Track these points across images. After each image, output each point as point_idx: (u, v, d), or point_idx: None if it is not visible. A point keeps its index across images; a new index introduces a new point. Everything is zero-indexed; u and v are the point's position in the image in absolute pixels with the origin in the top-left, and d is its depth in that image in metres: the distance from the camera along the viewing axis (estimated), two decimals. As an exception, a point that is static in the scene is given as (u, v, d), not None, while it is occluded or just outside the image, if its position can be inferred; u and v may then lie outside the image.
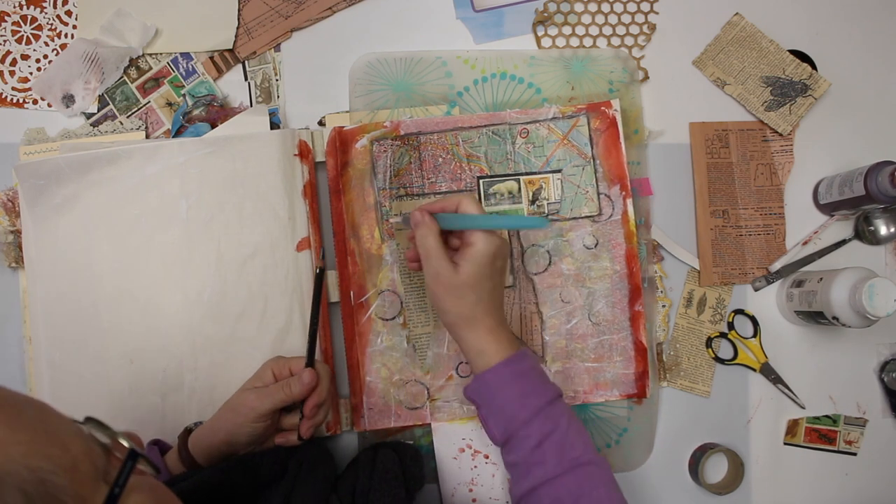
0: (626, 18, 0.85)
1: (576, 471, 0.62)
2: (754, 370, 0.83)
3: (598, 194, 0.80)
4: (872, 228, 0.84)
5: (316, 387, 0.68)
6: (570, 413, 0.66)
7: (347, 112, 0.81)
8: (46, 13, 0.82)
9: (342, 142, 0.79)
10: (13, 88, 0.81)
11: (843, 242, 0.84)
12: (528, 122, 0.80)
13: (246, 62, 0.83)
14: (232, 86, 0.82)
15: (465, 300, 0.64)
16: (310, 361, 0.68)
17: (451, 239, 0.68)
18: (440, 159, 0.79)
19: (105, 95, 0.81)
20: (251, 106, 0.82)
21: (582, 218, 0.79)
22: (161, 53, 0.82)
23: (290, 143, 0.77)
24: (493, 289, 0.65)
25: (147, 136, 0.80)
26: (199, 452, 0.67)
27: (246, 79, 0.83)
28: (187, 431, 0.69)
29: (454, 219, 0.65)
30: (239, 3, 0.82)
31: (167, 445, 0.72)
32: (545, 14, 0.84)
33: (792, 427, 0.83)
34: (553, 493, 0.62)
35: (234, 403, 0.67)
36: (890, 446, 0.84)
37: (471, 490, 0.77)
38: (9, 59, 0.81)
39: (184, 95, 0.81)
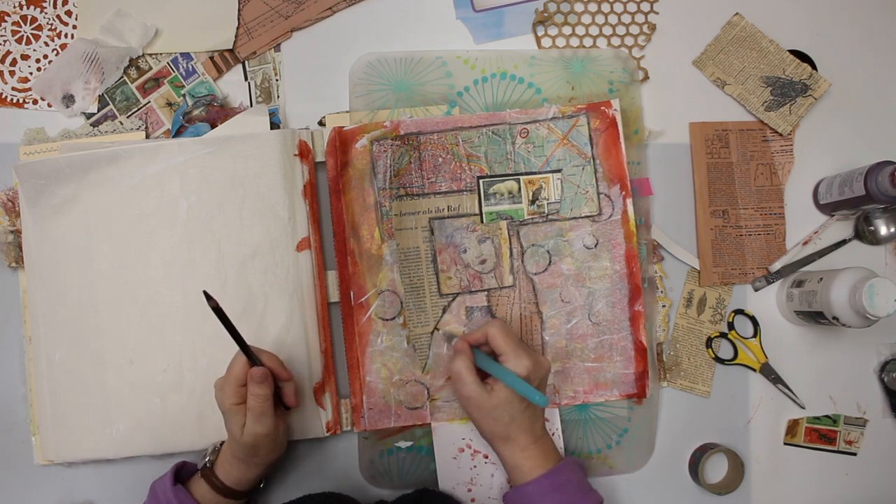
0: (626, 18, 0.85)
1: None
2: (754, 370, 0.83)
3: (598, 194, 0.80)
4: (872, 228, 0.84)
5: (275, 374, 0.69)
6: None
7: (347, 112, 0.81)
8: (46, 13, 0.82)
9: (342, 142, 0.79)
10: (13, 88, 0.81)
11: (843, 242, 0.84)
12: (528, 122, 0.80)
13: (246, 62, 0.83)
14: (232, 86, 0.82)
15: (498, 421, 0.69)
16: (254, 361, 0.67)
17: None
18: (440, 159, 0.79)
19: (105, 95, 0.81)
20: (251, 106, 0.82)
21: (582, 218, 0.79)
22: (161, 53, 0.82)
23: (290, 143, 0.77)
24: (526, 408, 0.69)
25: (147, 136, 0.80)
26: (233, 481, 0.69)
27: (246, 79, 0.83)
28: (207, 467, 0.69)
29: (483, 361, 0.70)
30: (239, 3, 0.82)
31: (192, 466, 0.73)
32: (545, 14, 0.84)
33: (792, 427, 0.83)
34: None
35: (239, 439, 0.67)
36: (890, 446, 0.84)
37: (469, 490, 0.77)
38: (9, 59, 0.81)
39: (184, 95, 0.81)
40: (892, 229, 0.84)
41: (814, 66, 0.85)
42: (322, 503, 0.70)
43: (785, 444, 0.83)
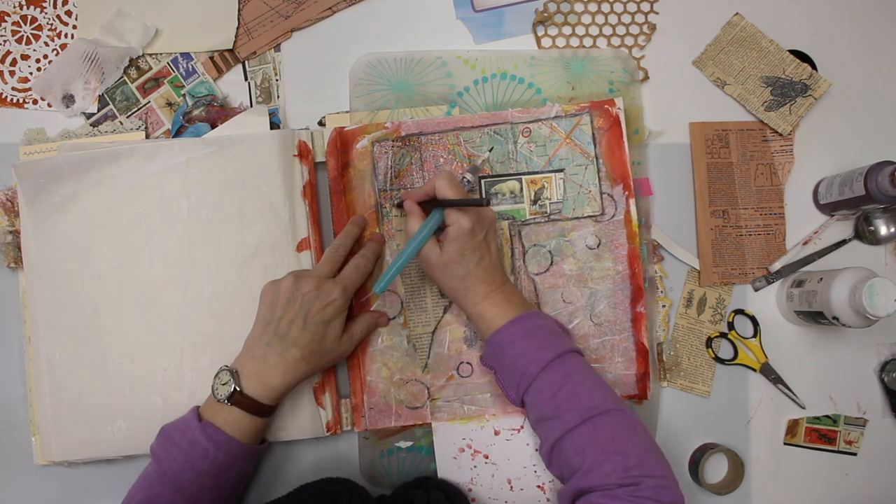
0: (626, 18, 0.85)
1: (594, 420, 0.63)
2: (754, 370, 0.83)
3: (601, 194, 0.79)
4: (872, 228, 0.84)
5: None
6: (586, 366, 0.68)
7: (347, 112, 0.81)
8: (46, 13, 0.82)
9: (343, 142, 0.78)
10: (13, 88, 0.81)
11: (843, 242, 0.84)
12: (530, 121, 0.80)
13: (246, 62, 0.83)
14: (232, 86, 0.82)
15: (454, 276, 0.71)
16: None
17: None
18: (441, 160, 0.79)
19: (105, 95, 0.81)
20: (251, 106, 0.82)
21: (584, 218, 0.79)
22: (161, 53, 0.82)
23: (290, 144, 0.77)
24: (480, 260, 0.70)
25: (147, 137, 0.80)
26: (265, 392, 0.68)
27: (246, 79, 0.83)
28: (237, 392, 0.67)
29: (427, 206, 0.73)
30: (239, 3, 0.82)
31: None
32: (545, 14, 0.84)
33: (792, 427, 0.83)
34: (574, 444, 0.63)
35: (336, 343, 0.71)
36: (890, 446, 0.84)
37: (470, 490, 0.77)
38: (9, 59, 0.81)
39: (184, 95, 0.81)
40: (892, 229, 0.84)
41: (814, 66, 0.85)
42: (320, 490, 0.70)
43: (785, 444, 0.83)
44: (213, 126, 0.79)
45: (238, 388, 0.67)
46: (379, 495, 0.73)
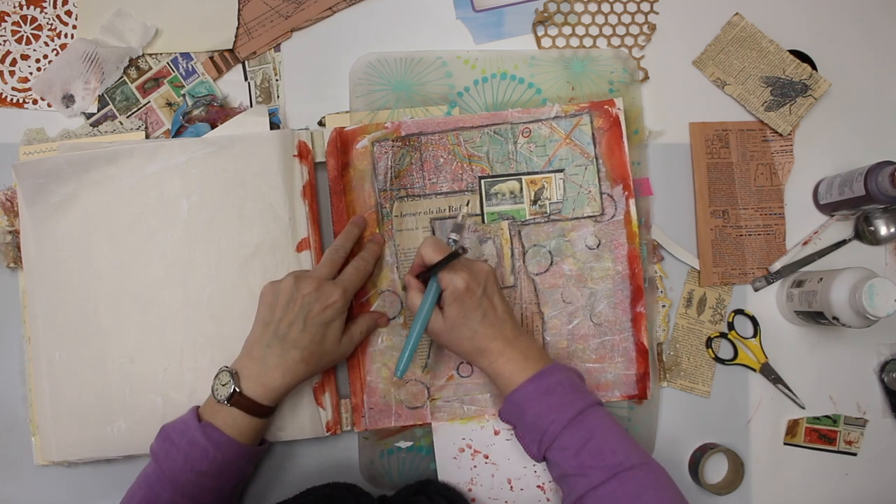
0: (626, 18, 0.85)
1: (619, 476, 0.62)
2: (754, 370, 0.83)
3: (601, 194, 0.79)
4: (872, 228, 0.84)
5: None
6: (608, 420, 0.66)
7: (347, 112, 0.81)
8: (46, 13, 0.82)
9: (343, 142, 0.78)
10: (13, 88, 0.81)
11: (843, 242, 0.84)
12: (530, 122, 0.80)
13: (246, 62, 0.83)
14: (232, 86, 0.82)
15: (462, 337, 0.69)
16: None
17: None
18: (441, 160, 0.79)
19: (105, 95, 0.81)
20: (251, 106, 0.82)
21: (584, 218, 0.79)
22: (161, 53, 0.82)
23: (290, 144, 0.77)
24: (484, 316, 0.68)
25: (147, 137, 0.80)
26: (264, 393, 0.68)
27: (246, 79, 0.83)
28: (236, 393, 0.67)
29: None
30: (239, 3, 0.82)
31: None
32: (545, 14, 0.84)
33: (792, 427, 0.83)
34: (598, 501, 0.62)
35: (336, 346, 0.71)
36: (890, 446, 0.84)
37: (470, 490, 0.77)
38: (9, 59, 0.81)
39: (184, 95, 0.81)
40: (892, 229, 0.84)
41: (814, 66, 0.85)
42: (326, 494, 0.70)
43: (785, 444, 0.83)
44: (213, 126, 0.79)
45: (238, 389, 0.67)
46: (380, 496, 0.73)
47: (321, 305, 0.68)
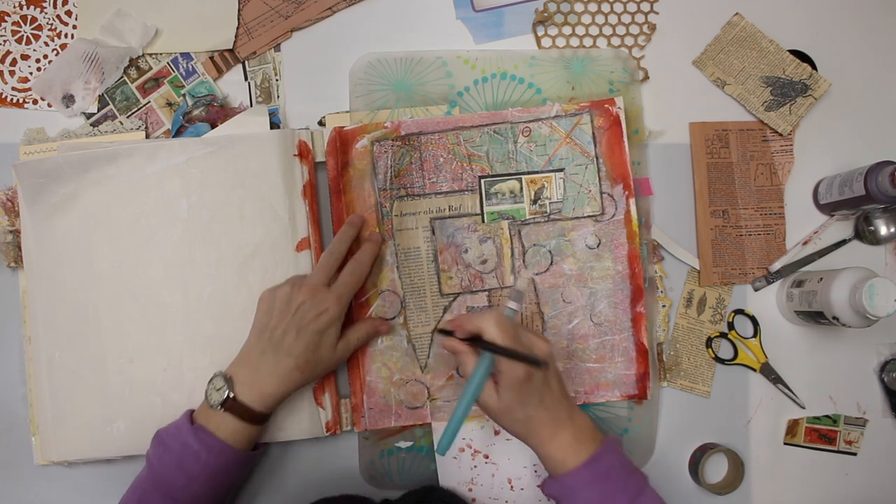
0: (626, 18, 0.85)
1: None
2: (754, 370, 0.83)
3: (601, 193, 0.79)
4: (872, 228, 0.84)
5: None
6: (657, 500, 0.66)
7: (347, 112, 0.81)
8: (46, 13, 0.82)
9: (342, 142, 0.79)
10: (13, 88, 0.81)
11: (843, 242, 0.84)
12: (530, 121, 0.80)
13: (246, 62, 0.83)
14: (232, 86, 0.82)
15: (514, 420, 0.66)
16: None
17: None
18: (441, 159, 0.79)
19: (105, 95, 0.81)
20: (251, 106, 0.82)
21: (584, 217, 0.79)
22: (161, 53, 0.82)
23: (290, 144, 0.77)
24: (541, 401, 0.65)
25: (147, 136, 0.80)
26: (259, 399, 0.67)
27: (246, 79, 0.83)
28: (231, 399, 0.67)
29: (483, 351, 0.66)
30: (239, 3, 0.82)
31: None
32: (545, 14, 0.84)
33: (792, 427, 0.83)
34: None
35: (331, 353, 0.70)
36: (890, 446, 0.84)
37: (470, 490, 0.77)
38: (9, 59, 0.81)
39: (184, 95, 0.81)
40: (892, 229, 0.84)
41: (814, 66, 0.85)
42: (443, 498, 0.70)
43: (785, 444, 0.83)
44: (213, 126, 0.79)
45: (232, 395, 0.67)
46: (383, 499, 0.73)
47: (315, 313, 0.68)
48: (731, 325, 0.83)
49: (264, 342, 0.69)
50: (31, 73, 0.81)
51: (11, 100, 0.81)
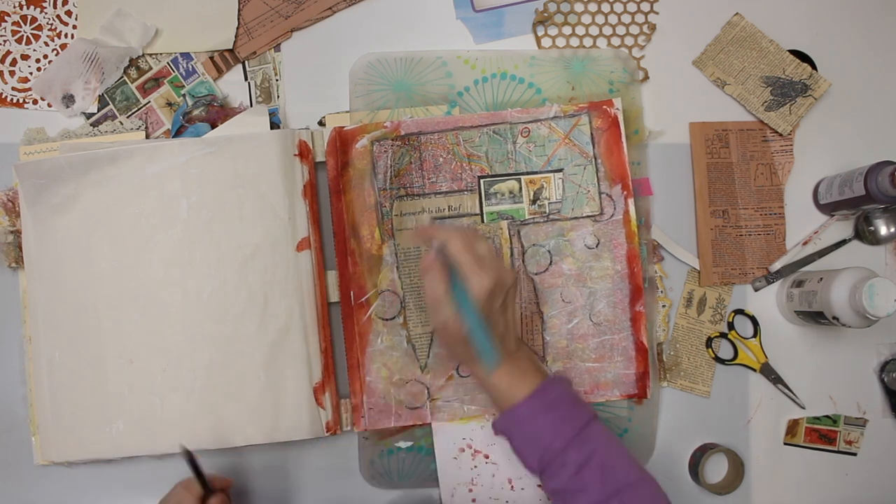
0: (626, 18, 0.85)
1: (620, 495, 0.62)
2: (754, 370, 0.83)
3: (600, 194, 0.80)
4: (872, 228, 0.84)
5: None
6: (608, 434, 0.66)
7: (347, 112, 0.81)
8: (46, 13, 0.82)
9: (342, 142, 0.79)
10: (13, 88, 0.81)
11: (843, 242, 0.84)
12: (529, 122, 0.80)
13: (246, 62, 0.83)
14: (232, 86, 0.82)
15: (469, 346, 0.65)
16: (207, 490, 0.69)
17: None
18: (441, 159, 0.79)
19: (105, 95, 0.81)
20: (251, 106, 0.82)
21: (583, 217, 0.79)
22: (161, 53, 0.82)
23: (290, 143, 0.77)
24: (494, 325, 0.66)
25: (147, 136, 0.80)
26: None
27: (246, 79, 0.83)
28: None
29: (457, 292, 0.65)
30: (239, 3, 0.82)
31: None
32: (545, 14, 0.84)
33: (792, 427, 0.83)
34: None
35: None
36: (890, 446, 0.84)
37: (470, 490, 0.77)
38: (9, 59, 0.81)
39: (184, 95, 0.81)
40: (892, 229, 0.84)
41: (814, 66, 0.85)
42: None
43: (785, 444, 0.83)
44: (213, 126, 0.79)
45: None
46: None
47: None
48: (731, 325, 0.83)
49: None
50: (31, 73, 0.81)
51: (11, 100, 0.81)
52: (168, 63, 0.82)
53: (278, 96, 0.82)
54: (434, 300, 0.65)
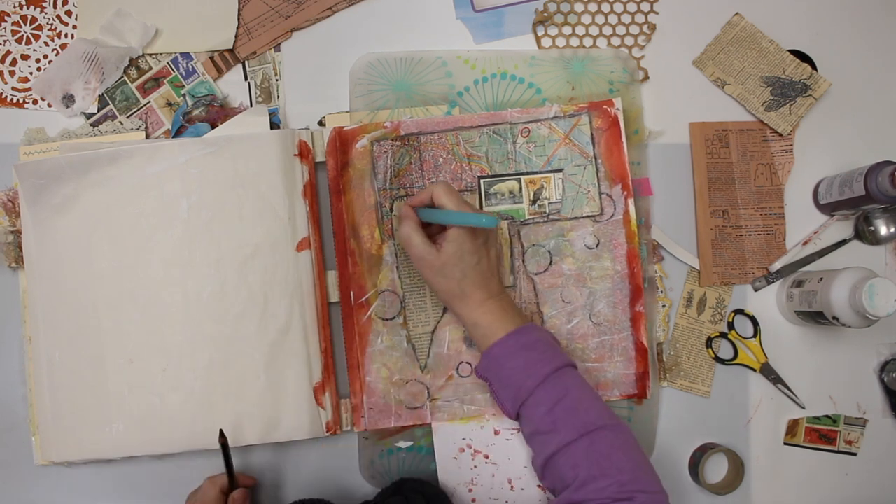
0: (626, 18, 0.85)
1: (591, 435, 0.63)
2: (754, 370, 0.83)
3: (600, 194, 0.80)
4: (872, 228, 0.84)
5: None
6: (583, 381, 0.68)
7: (347, 112, 0.81)
8: (46, 13, 0.82)
9: (342, 142, 0.79)
10: (13, 88, 0.81)
11: (843, 242, 0.84)
12: (529, 122, 0.80)
13: (246, 62, 0.83)
14: (232, 86, 0.82)
15: (450, 278, 0.69)
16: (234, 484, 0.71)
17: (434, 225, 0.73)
18: (441, 159, 0.79)
19: (105, 95, 0.81)
20: (251, 106, 0.82)
21: (583, 217, 0.79)
22: (161, 53, 0.82)
23: (290, 143, 0.77)
24: (478, 263, 0.69)
25: (147, 137, 0.80)
26: None
27: (246, 79, 0.83)
28: None
29: (425, 213, 0.71)
30: (239, 3, 0.82)
31: None
32: (545, 14, 0.84)
33: (792, 427, 0.83)
34: (569, 459, 0.63)
35: None
36: (890, 446, 0.84)
37: (470, 490, 0.77)
38: (9, 59, 0.81)
39: (184, 95, 0.81)
40: (892, 229, 0.84)
41: (814, 66, 0.85)
42: (415, 487, 0.72)
43: (785, 444, 0.83)
44: (213, 126, 0.79)
45: None
46: (362, 502, 0.73)
47: None
48: (731, 325, 0.83)
49: None
50: (31, 73, 0.81)
51: (11, 100, 0.81)
52: (168, 63, 0.82)
53: (278, 96, 0.82)
54: (405, 238, 0.70)
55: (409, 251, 0.71)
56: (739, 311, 0.84)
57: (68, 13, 0.82)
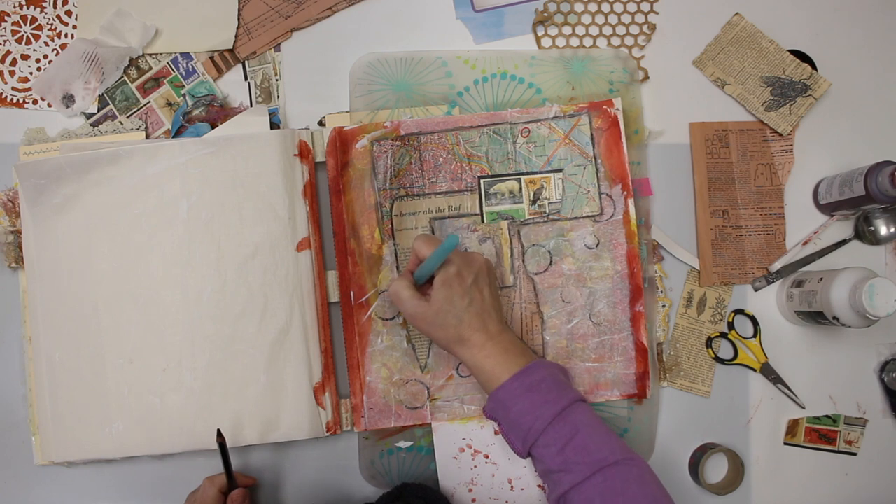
0: (626, 18, 0.85)
1: (604, 472, 0.62)
2: (754, 370, 0.83)
3: (600, 194, 0.80)
4: (872, 228, 0.84)
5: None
6: (592, 416, 0.66)
7: (347, 112, 0.81)
8: (46, 13, 0.82)
9: (342, 142, 0.79)
10: (13, 88, 0.81)
11: (843, 242, 0.84)
12: (529, 122, 0.80)
13: (246, 62, 0.83)
14: (232, 86, 0.82)
15: (447, 326, 0.68)
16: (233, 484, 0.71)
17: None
18: (441, 159, 0.79)
19: (105, 95, 0.81)
20: (251, 106, 0.82)
21: (583, 217, 0.79)
22: (161, 53, 0.82)
23: (290, 143, 0.77)
24: (470, 304, 0.68)
25: (147, 136, 0.80)
26: None
27: (246, 79, 0.83)
28: None
29: (416, 273, 0.70)
30: (239, 3, 0.82)
31: None
32: (545, 14, 0.84)
33: (792, 427, 0.83)
34: (582, 496, 0.62)
35: None
36: (890, 446, 0.84)
37: (470, 490, 0.77)
38: (9, 59, 0.81)
39: (184, 95, 0.81)
40: (892, 229, 0.84)
41: (814, 66, 0.85)
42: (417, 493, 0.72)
43: (785, 444, 0.83)
44: (213, 126, 0.79)
45: None
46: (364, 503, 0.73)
47: None
48: (731, 325, 0.83)
49: None
50: (31, 73, 0.81)
51: (11, 100, 0.81)
52: (168, 63, 0.82)
53: (278, 96, 0.82)
54: (395, 296, 0.70)
55: (402, 310, 0.70)
56: (739, 311, 0.84)
57: (68, 13, 0.82)
